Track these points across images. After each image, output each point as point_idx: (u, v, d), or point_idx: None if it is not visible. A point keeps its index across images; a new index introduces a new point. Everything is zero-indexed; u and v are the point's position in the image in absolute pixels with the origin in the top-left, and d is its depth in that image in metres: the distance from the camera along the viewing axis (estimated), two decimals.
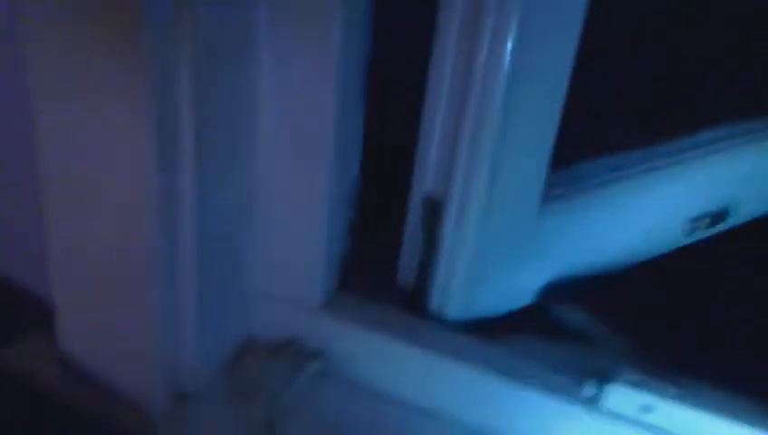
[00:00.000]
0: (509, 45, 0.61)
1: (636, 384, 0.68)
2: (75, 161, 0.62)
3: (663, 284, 0.89)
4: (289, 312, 0.75)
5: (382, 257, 0.77)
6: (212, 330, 0.70)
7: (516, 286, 0.80)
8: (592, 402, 0.68)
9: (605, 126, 0.87)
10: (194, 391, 0.71)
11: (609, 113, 0.87)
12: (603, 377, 0.69)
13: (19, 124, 0.65)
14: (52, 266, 0.70)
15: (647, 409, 0.67)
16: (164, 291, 0.64)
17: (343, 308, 0.75)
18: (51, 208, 0.66)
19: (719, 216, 0.95)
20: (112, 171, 0.60)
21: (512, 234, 0.75)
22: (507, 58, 0.62)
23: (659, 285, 0.89)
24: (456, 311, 0.75)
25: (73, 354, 0.73)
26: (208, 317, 0.69)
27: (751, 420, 0.67)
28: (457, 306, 0.75)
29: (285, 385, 0.72)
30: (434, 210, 0.71)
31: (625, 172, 0.86)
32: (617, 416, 0.68)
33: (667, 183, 0.88)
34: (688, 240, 0.94)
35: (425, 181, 0.71)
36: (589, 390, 0.69)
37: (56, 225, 0.67)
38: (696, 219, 0.94)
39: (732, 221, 0.98)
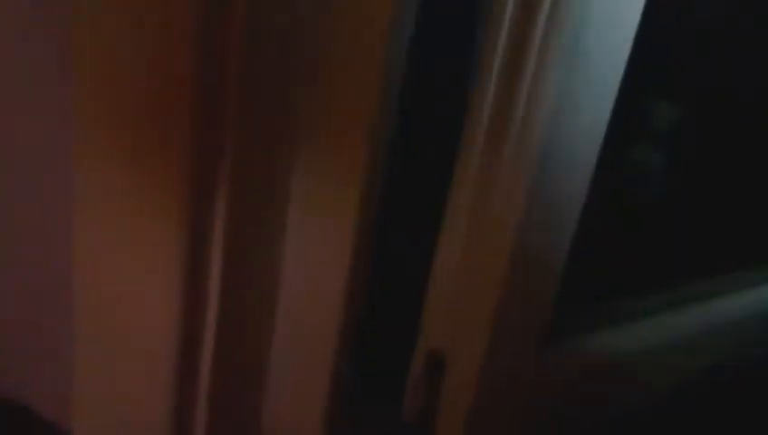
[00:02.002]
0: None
1: None
2: (108, 305, 0.67)
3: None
4: None
5: (387, 402, 0.80)
6: None
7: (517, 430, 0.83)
8: None
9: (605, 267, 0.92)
10: None
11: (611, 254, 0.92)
12: None
13: (51, 260, 0.70)
14: (76, 398, 0.73)
15: None
16: None
17: None
18: (81, 342, 0.70)
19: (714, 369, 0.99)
20: (142, 316, 0.65)
21: (512, 381, 0.78)
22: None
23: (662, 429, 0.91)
24: None
25: None
26: None
27: None
28: None
29: None
30: (437, 364, 0.75)
31: (627, 315, 0.90)
32: None
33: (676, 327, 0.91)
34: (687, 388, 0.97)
35: (430, 337, 0.75)
36: None
37: (85, 358, 0.71)
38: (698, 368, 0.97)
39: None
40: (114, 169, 0.60)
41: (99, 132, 0.60)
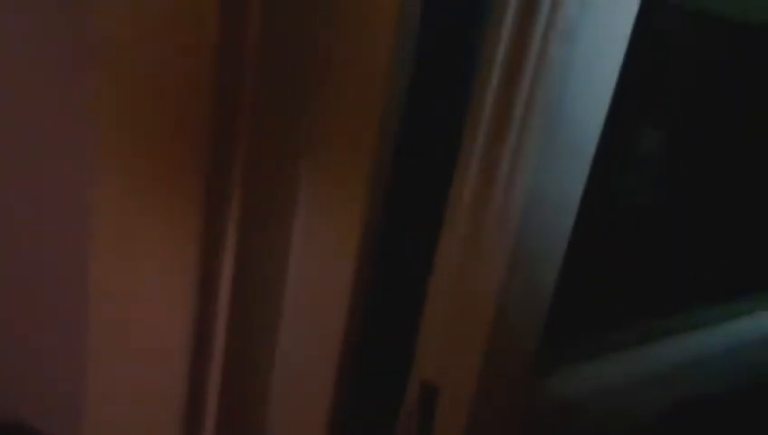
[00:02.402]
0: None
1: None
2: (123, 306, 0.67)
3: None
4: None
5: (380, 431, 0.81)
6: None
7: None
8: None
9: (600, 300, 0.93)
10: None
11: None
12: None
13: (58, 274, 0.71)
14: (90, 413, 0.73)
15: None
16: None
17: None
18: (95, 343, 0.70)
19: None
20: (157, 319, 0.66)
21: (503, 411, 0.80)
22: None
23: None
24: None
25: None
26: None
27: None
28: None
29: None
30: (430, 394, 0.76)
31: (615, 345, 0.92)
32: None
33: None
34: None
35: (423, 367, 0.76)
36: None
37: (99, 359, 0.71)
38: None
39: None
40: (132, 176, 0.62)
41: (118, 142, 0.62)
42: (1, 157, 0.71)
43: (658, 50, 0.95)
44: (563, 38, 0.63)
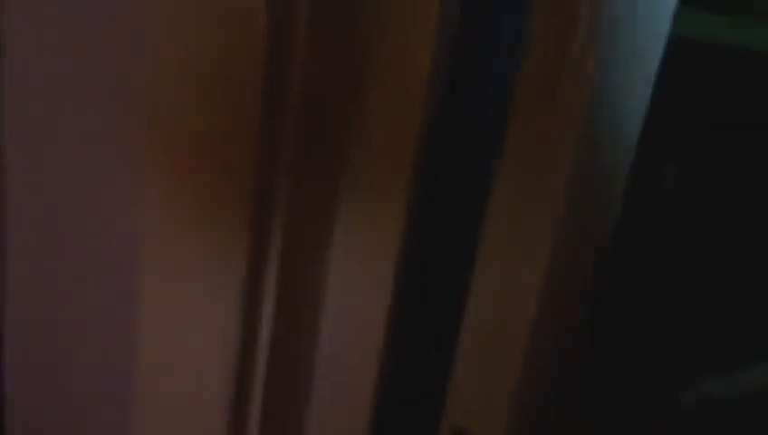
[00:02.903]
0: None
1: None
2: (170, 335, 0.68)
3: None
4: None
5: None
6: None
7: None
8: None
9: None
10: None
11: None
12: None
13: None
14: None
15: None
16: None
17: None
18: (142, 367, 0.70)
19: None
20: (201, 342, 0.66)
21: None
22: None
23: None
24: None
25: None
26: None
27: None
28: None
29: None
30: None
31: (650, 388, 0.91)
32: None
33: None
34: None
35: (454, 413, 0.75)
36: None
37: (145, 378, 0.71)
38: None
39: None
40: (176, 207, 0.63)
41: (162, 173, 0.63)
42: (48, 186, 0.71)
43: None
44: None
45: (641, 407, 0.87)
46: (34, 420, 0.81)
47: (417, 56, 0.61)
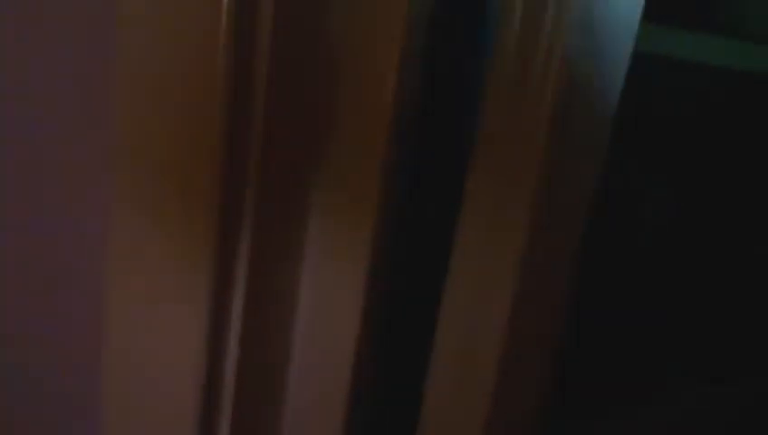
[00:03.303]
0: None
1: None
2: (137, 344, 0.68)
3: None
4: None
5: None
6: None
7: None
8: None
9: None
10: None
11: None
12: None
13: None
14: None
15: None
16: None
17: None
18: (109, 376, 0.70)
19: None
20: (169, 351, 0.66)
21: None
22: None
23: None
24: None
25: None
26: None
27: None
28: None
29: None
30: None
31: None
32: None
33: None
34: None
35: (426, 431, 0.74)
36: None
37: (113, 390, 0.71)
38: None
39: None
40: (146, 215, 0.63)
41: (133, 184, 0.63)
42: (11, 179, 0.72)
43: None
44: None
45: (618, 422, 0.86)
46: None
47: (385, 60, 0.62)
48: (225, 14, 0.55)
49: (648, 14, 0.69)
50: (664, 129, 1.01)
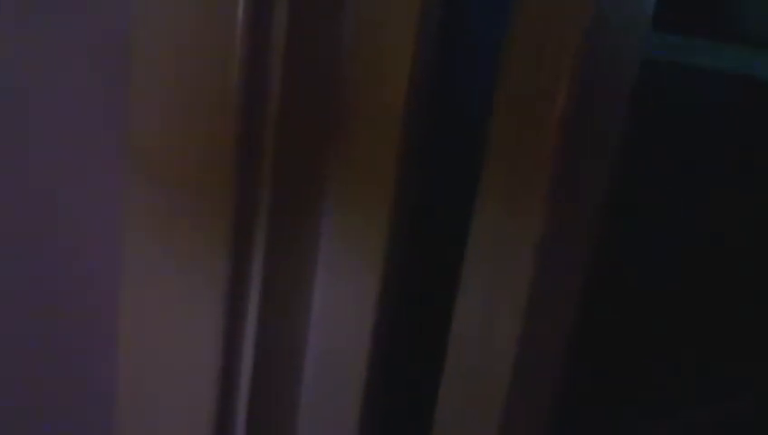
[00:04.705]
0: None
1: None
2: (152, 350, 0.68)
3: None
4: None
5: None
6: None
7: None
8: None
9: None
10: None
11: None
12: None
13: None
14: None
15: None
16: None
17: None
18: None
19: None
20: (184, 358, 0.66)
21: None
22: None
23: None
24: None
25: None
26: None
27: None
28: None
29: None
30: None
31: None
32: None
33: None
34: None
35: None
36: None
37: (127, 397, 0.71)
38: None
39: None
40: (161, 216, 0.64)
41: (146, 189, 0.63)
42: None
43: None
44: None
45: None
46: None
47: (397, 70, 0.62)
48: (241, 11, 0.56)
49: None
50: (670, 133, 1.01)
